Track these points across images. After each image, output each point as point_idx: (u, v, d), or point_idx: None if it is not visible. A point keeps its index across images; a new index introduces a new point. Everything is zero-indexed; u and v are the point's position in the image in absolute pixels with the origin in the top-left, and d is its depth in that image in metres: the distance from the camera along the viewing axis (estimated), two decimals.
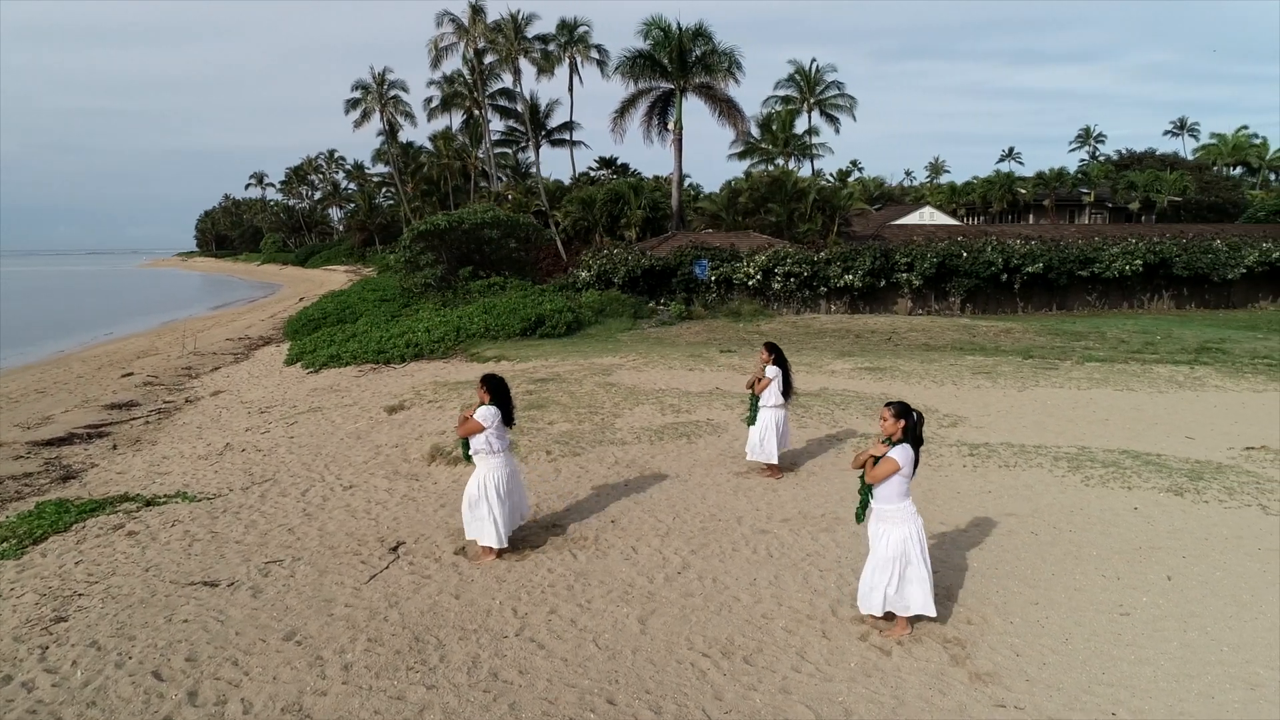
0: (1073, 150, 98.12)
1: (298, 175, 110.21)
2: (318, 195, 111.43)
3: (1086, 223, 65.85)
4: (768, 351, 10.02)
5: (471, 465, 7.79)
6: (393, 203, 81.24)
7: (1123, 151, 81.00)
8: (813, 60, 49.35)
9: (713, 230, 38.82)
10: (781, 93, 50.36)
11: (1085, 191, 71.94)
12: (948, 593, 6.71)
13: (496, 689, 5.46)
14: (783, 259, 31.09)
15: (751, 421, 10.05)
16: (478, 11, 43.78)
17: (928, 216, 53.11)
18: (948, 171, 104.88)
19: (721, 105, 37.67)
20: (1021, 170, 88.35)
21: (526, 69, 46.06)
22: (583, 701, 5.31)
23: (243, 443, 13.05)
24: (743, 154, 51.76)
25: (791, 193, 35.84)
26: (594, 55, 45.92)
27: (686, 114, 36.92)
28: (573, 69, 47.28)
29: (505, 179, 58.97)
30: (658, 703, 5.30)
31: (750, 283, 30.92)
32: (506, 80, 48.76)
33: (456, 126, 61.57)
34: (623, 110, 38.30)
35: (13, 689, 5.59)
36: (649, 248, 32.19)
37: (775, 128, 50.29)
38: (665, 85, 37.54)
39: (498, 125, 54.98)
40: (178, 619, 6.54)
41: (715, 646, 5.98)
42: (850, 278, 31.28)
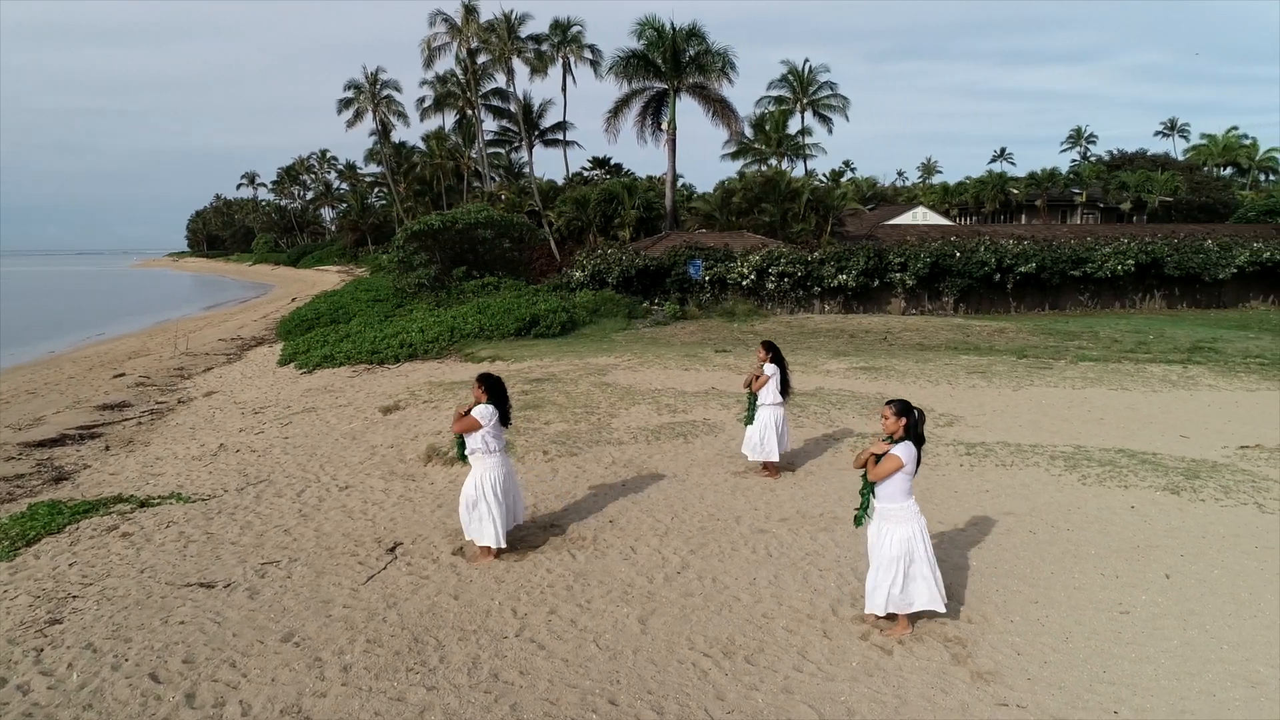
0: (1064, 151, 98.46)
1: (290, 175, 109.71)
2: (310, 195, 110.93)
3: (1078, 223, 66.08)
4: (765, 350, 10.01)
5: (466, 465, 7.76)
6: (385, 203, 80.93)
7: (1114, 152, 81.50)
8: (806, 61, 49.58)
9: (707, 230, 38.80)
10: (775, 93, 50.59)
11: (1077, 192, 72.22)
12: (948, 592, 6.69)
13: (498, 690, 5.43)
14: (776, 259, 31.13)
15: (749, 421, 10.04)
16: (471, 11, 43.66)
17: (921, 217, 53.18)
18: (940, 172, 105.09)
19: (715, 105, 37.65)
20: (1013, 171, 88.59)
21: (520, 69, 46.05)
22: (584, 702, 5.28)
23: (237, 443, 12.99)
24: (736, 154, 51.91)
25: (785, 193, 35.92)
26: (587, 55, 45.98)
27: (680, 114, 36.93)
28: (566, 69, 47.37)
29: (498, 179, 58.95)
30: (660, 703, 5.28)
31: (744, 283, 30.95)
32: (500, 80, 48.69)
33: (449, 126, 61.51)
34: (616, 110, 38.25)
35: (8, 692, 5.54)
36: (643, 248, 32.18)
37: (769, 128, 50.41)
38: (659, 85, 37.50)
39: (491, 125, 54.97)
40: (174, 621, 6.48)
41: (716, 646, 5.97)
42: (844, 278, 31.35)
